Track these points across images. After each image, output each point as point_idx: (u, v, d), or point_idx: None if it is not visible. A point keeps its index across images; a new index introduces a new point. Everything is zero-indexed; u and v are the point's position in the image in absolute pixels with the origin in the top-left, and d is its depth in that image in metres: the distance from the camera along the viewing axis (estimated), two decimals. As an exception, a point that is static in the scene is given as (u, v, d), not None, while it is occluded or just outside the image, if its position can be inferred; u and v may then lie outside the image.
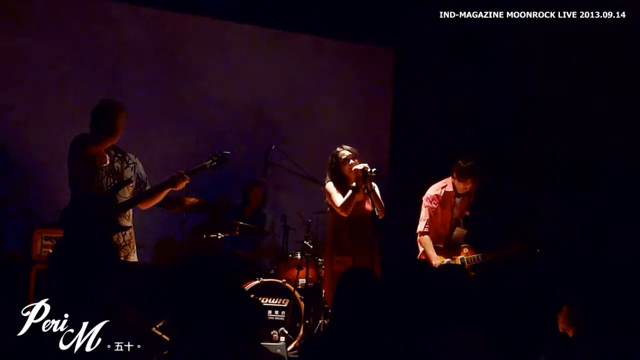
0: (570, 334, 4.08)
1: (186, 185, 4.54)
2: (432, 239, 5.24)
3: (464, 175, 5.16)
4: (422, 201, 5.34)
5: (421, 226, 5.26)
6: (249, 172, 6.44)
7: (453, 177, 5.25)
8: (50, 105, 6.21)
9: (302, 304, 5.73)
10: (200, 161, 4.55)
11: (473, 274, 5.14)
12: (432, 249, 5.18)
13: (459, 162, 5.18)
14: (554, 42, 6.30)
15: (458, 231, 5.30)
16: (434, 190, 5.31)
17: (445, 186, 5.31)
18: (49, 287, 2.36)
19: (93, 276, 2.30)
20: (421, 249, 5.28)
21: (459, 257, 5.23)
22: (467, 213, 5.35)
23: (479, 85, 6.98)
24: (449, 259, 5.19)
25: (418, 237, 5.28)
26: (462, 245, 5.28)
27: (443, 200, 5.27)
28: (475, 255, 5.20)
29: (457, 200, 5.31)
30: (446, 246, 5.28)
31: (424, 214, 5.27)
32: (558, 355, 4.01)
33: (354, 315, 2.72)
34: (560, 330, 4.14)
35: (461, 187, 5.23)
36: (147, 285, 3.79)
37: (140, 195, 4.46)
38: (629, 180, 5.77)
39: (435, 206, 5.25)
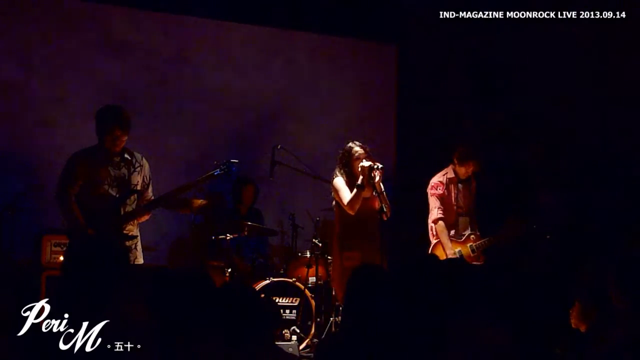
0: (583, 329, 4.04)
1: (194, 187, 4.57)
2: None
3: (465, 159, 5.30)
4: (427, 194, 5.38)
5: (434, 214, 5.30)
6: (254, 172, 6.44)
7: (454, 164, 5.36)
8: (59, 110, 6.24)
9: (312, 302, 5.73)
10: (209, 169, 4.57)
11: (483, 257, 5.24)
12: (447, 236, 5.22)
13: (459, 147, 5.33)
14: (555, 41, 6.28)
15: (463, 220, 5.34)
16: (437, 178, 5.40)
17: (446, 173, 5.39)
18: (62, 293, 2.35)
19: (107, 282, 2.30)
20: (433, 241, 5.29)
21: (468, 244, 5.27)
22: (472, 203, 5.39)
23: (482, 80, 6.96)
24: (459, 248, 5.23)
25: (434, 226, 5.30)
26: (468, 233, 5.34)
27: (447, 186, 5.32)
28: (482, 241, 5.25)
29: (460, 186, 5.37)
30: (453, 235, 5.29)
31: (433, 202, 5.33)
32: (573, 350, 3.97)
33: (367, 312, 2.70)
34: (573, 326, 4.10)
35: (463, 171, 5.34)
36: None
37: (141, 209, 4.44)
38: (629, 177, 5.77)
39: (441, 192, 5.31)
